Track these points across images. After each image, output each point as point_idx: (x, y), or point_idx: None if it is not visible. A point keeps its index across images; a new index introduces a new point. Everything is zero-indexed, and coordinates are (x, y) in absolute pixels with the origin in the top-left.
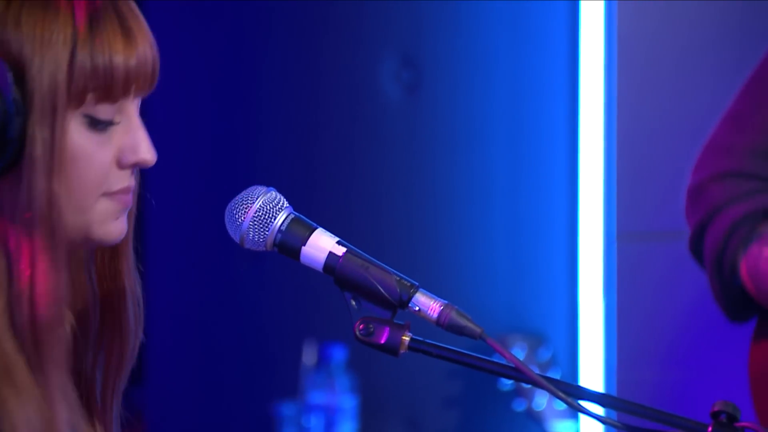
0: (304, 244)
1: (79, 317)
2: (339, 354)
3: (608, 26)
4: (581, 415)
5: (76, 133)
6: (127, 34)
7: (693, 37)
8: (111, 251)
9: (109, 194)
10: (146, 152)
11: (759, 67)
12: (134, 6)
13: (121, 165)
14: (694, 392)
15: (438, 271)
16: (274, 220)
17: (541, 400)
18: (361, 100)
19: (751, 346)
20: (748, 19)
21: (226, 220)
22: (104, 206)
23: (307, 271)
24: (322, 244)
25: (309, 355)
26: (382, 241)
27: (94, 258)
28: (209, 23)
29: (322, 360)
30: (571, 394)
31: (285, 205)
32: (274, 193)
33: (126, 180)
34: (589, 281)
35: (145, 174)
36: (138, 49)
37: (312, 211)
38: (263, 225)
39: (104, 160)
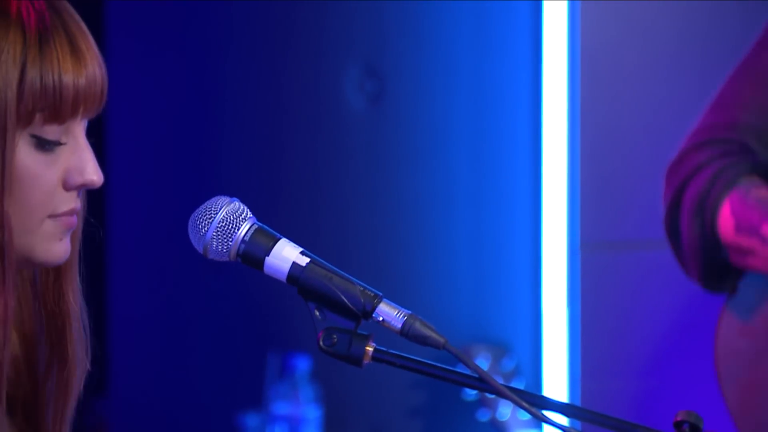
0: (268, 255)
1: (26, 341)
2: (303, 364)
3: (571, 33)
4: (545, 425)
5: (23, 154)
6: (77, 53)
7: (657, 39)
8: (55, 273)
9: (54, 216)
10: (93, 173)
11: (749, 55)
12: (83, 26)
13: (67, 186)
14: (658, 402)
15: (401, 281)
16: (238, 230)
17: (505, 410)
18: (325, 110)
19: (719, 324)
20: (712, 20)
21: (190, 230)
22: (49, 228)
23: (271, 281)
24: (285, 255)
25: (273, 366)
26: (345, 250)
27: (39, 279)
28: (173, 33)
29: (286, 370)
30: (535, 404)
31: (248, 216)
32: (237, 203)
33: (72, 202)
34: (552, 291)
35: (110, 185)
36: (87, 69)
37: (276, 221)
38: (227, 235)
39: (50, 181)
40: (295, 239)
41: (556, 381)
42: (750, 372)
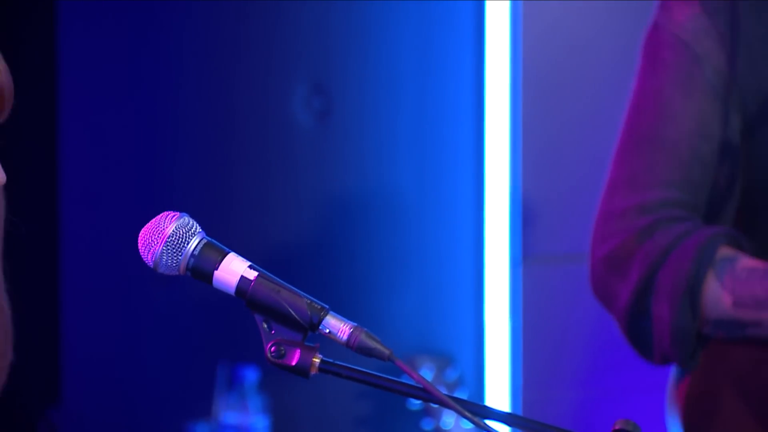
0: (217, 269)
1: None
2: (251, 375)
3: (514, 54)
4: None
5: None
6: None
7: (601, 43)
8: None
9: None
10: None
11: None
12: None
13: None
14: (598, 411)
15: (348, 294)
16: (187, 245)
17: (449, 420)
18: (274, 126)
19: (684, 390)
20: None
21: (140, 245)
22: None
23: (220, 294)
24: (233, 268)
25: (222, 377)
26: (293, 263)
27: None
28: (124, 50)
29: (235, 381)
30: (478, 413)
31: (198, 231)
32: (186, 218)
33: None
34: (495, 303)
35: (63, 199)
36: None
37: (225, 235)
38: (176, 250)
39: None
40: (244, 253)
41: (498, 391)
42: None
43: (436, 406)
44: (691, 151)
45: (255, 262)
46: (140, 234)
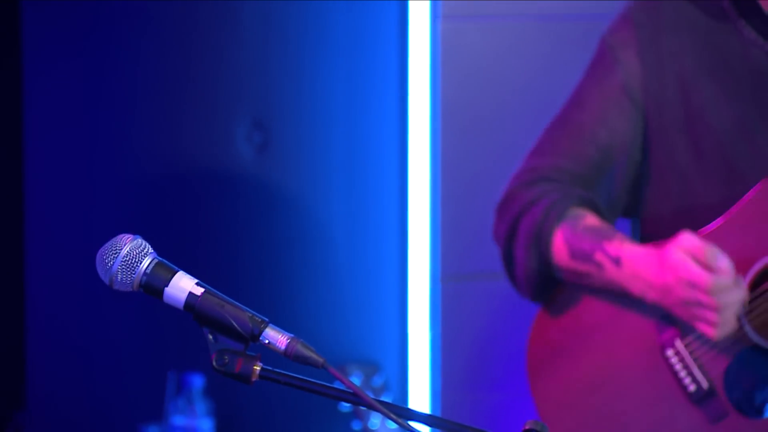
0: (167, 286)
1: None
2: (198, 382)
3: (434, 92)
4: None
5: None
6: None
7: (519, 67)
8: None
9: None
10: None
11: (570, 100)
12: None
13: None
14: (510, 413)
15: (286, 308)
16: (140, 264)
17: (376, 421)
18: (219, 159)
19: (534, 322)
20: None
21: (97, 263)
22: None
23: (171, 308)
24: (182, 285)
25: (172, 383)
26: (237, 280)
27: None
28: (85, 85)
29: (184, 387)
30: (402, 415)
31: (150, 251)
32: (140, 240)
33: None
34: (417, 316)
35: (29, 219)
36: None
37: (175, 255)
38: (130, 268)
39: None
40: (192, 272)
41: (419, 395)
42: (553, 361)
43: (364, 408)
44: (591, 135)
45: (203, 278)
46: (97, 254)
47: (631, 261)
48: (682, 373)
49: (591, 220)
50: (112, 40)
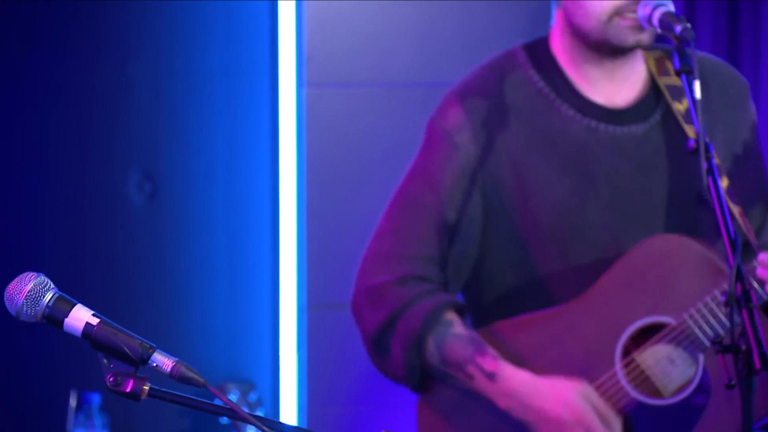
0: (66, 317)
1: None
2: (96, 399)
3: (299, 143)
4: None
5: None
6: None
7: (379, 134)
8: None
9: None
10: None
11: (404, 182)
12: None
13: None
14: (368, 425)
15: (172, 335)
16: (43, 298)
17: None
18: (114, 206)
19: (420, 408)
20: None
21: (5, 298)
22: None
23: (71, 336)
24: (80, 317)
25: (73, 400)
26: (130, 312)
27: None
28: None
29: (83, 404)
30: (273, 427)
31: (51, 287)
32: (42, 277)
33: None
34: (287, 341)
35: None
36: None
37: (75, 291)
38: (34, 302)
39: None
40: (89, 304)
41: (289, 409)
42: None
43: (240, 422)
44: (440, 217)
45: (100, 309)
46: (5, 290)
47: (508, 380)
48: None
49: (460, 328)
50: (25, 101)
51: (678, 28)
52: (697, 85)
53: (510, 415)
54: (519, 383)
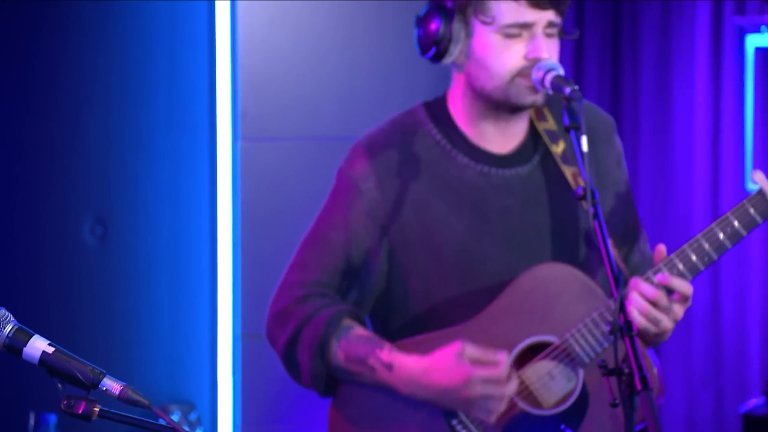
0: (25, 346)
1: None
2: (52, 419)
3: (234, 192)
4: None
5: None
6: None
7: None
8: None
9: None
10: None
11: (318, 218)
12: None
13: None
14: None
15: (121, 361)
16: (3, 330)
17: None
18: (68, 247)
19: (330, 413)
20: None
21: None
22: None
23: (29, 363)
24: (37, 346)
25: (32, 420)
26: (83, 340)
27: None
28: None
29: (41, 423)
30: None
31: (11, 320)
32: (3, 310)
33: None
34: (224, 366)
35: None
36: None
37: (34, 322)
38: None
39: None
40: (46, 334)
41: (225, 428)
42: None
43: None
44: (344, 252)
45: (55, 339)
46: None
47: (402, 367)
48: None
49: (360, 330)
50: None
51: (567, 90)
52: (584, 139)
53: (414, 400)
54: (411, 368)
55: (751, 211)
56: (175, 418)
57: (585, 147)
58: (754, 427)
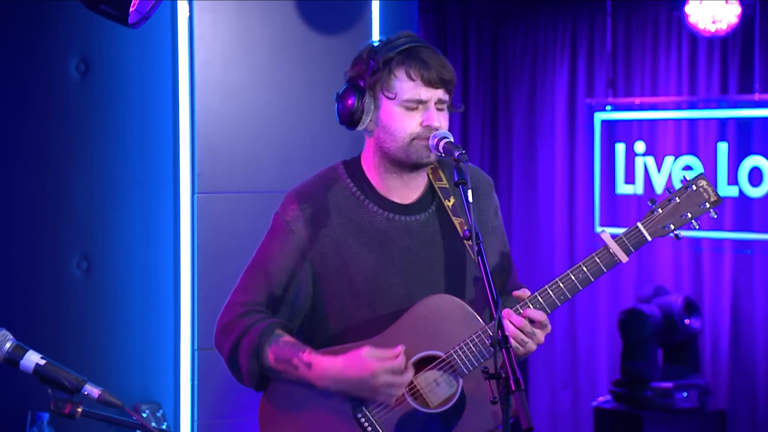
0: (21, 359)
1: None
2: (45, 417)
3: (192, 238)
4: None
5: None
6: None
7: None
8: None
9: None
10: None
11: (261, 247)
12: None
13: None
14: None
15: (99, 370)
16: (4, 346)
17: None
18: (59, 279)
19: (261, 403)
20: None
21: None
22: None
23: (25, 373)
24: (31, 359)
25: (28, 418)
26: (70, 353)
27: None
28: None
29: (36, 421)
30: None
31: (10, 338)
32: (4, 330)
33: None
34: (185, 372)
35: None
36: None
37: (29, 340)
38: None
39: None
40: (39, 349)
41: (186, 423)
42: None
43: None
44: (277, 279)
45: (46, 352)
46: None
47: (319, 366)
48: (370, 429)
49: (287, 338)
50: None
51: (456, 153)
52: (470, 192)
53: (329, 392)
54: (327, 366)
55: (598, 262)
56: (144, 415)
57: (471, 198)
58: (604, 418)
